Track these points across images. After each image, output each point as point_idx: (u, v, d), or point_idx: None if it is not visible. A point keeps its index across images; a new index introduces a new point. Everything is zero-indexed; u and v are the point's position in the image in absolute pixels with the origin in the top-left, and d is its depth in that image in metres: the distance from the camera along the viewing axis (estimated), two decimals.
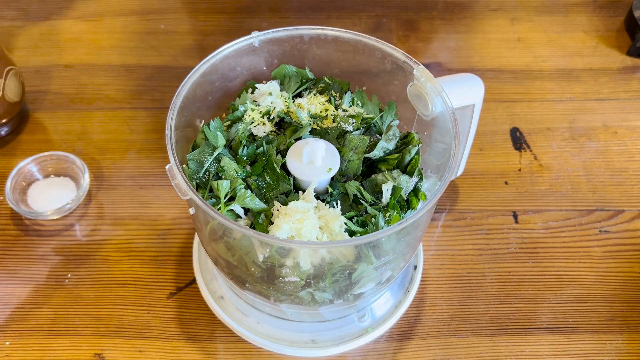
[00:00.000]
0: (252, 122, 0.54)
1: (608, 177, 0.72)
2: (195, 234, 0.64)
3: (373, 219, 0.49)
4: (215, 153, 0.52)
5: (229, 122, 0.55)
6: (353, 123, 0.54)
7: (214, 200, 0.49)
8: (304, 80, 0.58)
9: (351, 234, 0.48)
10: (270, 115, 0.55)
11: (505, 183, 0.71)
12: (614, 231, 0.67)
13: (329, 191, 0.52)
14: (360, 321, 0.59)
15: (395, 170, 0.52)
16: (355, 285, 0.51)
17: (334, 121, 0.54)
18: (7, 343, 0.58)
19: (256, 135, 0.54)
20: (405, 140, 0.55)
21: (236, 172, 0.51)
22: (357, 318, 0.59)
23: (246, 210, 0.50)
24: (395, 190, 0.50)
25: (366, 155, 0.53)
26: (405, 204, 0.52)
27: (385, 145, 0.53)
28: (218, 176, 0.51)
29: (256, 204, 0.49)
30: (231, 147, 0.54)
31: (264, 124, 0.54)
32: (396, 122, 0.56)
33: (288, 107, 0.55)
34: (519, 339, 0.59)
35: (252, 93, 0.58)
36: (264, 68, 0.60)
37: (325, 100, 0.56)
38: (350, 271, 0.49)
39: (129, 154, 0.73)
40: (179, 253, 0.64)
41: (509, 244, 0.66)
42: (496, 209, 0.69)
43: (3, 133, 0.73)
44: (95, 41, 0.85)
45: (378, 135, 0.55)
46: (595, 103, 0.79)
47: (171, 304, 0.61)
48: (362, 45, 0.57)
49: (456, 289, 0.63)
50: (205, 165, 0.51)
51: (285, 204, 0.49)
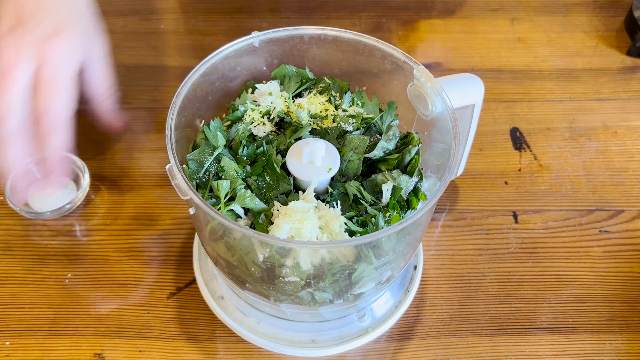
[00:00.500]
0: (252, 122, 0.54)
1: (608, 177, 0.72)
2: (195, 234, 0.64)
3: (373, 219, 0.49)
4: (215, 153, 0.52)
5: (229, 122, 0.55)
6: (353, 123, 0.54)
7: (214, 200, 0.50)
8: (304, 80, 0.58)
9: (351, 234, 0.48)
10: (270, 115, 0.55)
11: (505, 183, 0.71)
12: (614, 231, 0.67)
13: (329, 191, 0.52)
14: (360, 321, 0.59)
15: (395, 170, 0.52)
16: (355, 285, 0.51)
17: (334, 121, 0.54)
18: (7, 343, 0.58)
19: (256, 135, 0.54)
20: (405, 140, 0.55)
21: (236, 172, 0.51)
22: (357, 318, 0.59)
23: (246, 210, 0.50)
24: (395, 190, 0.50)
25: (366, 155, 0.53)
26: (405, 204, 0.52)
27: (385, 145, 0.53)
28: (218, 176, 0.51)
29: (256, 204, 0.49)
30: (231, 147, 0.54)
31: (264, 124, 0.54)
32: (396, 122, 0.56)
33: (288, 107, 0.55)
34: (519, 339, 0.59)
35: (252, 93, 0.58)
36: (264, 68, 0.60)
37: (325, 100, 0.56)
38: (350, 271, 0.49)
39: (129, 154, 0.73)
40: (179, 253, 0.64)
41: (509, 244, 0.66)
42: (496, 209, 0.69)
43: None
44: None
45: (378, 135, 0.55)
46: (595, 103, 0.79)
47: (171, 304, 0.61)
48: (362, 45, 0.57)
49: (456, 289, 0.63)
50: (205, 165, 0.51)
51: (285, 204, 0.49)
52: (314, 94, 0.57)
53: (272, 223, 0.48)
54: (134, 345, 0.58)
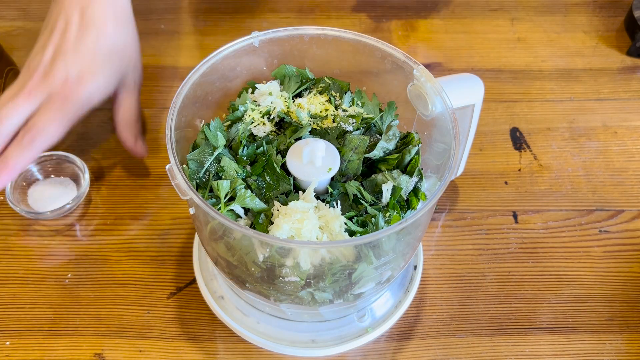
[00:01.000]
0: (252, 122, 0.54)
1: (608, 177, 0.72)
2: (195, 234, 0.64)
3: (373, 219, 0.49)
4: (215, 153, 0.52)
5: (229, 122, 0.55)
6: (353, 123, 0.54)
7: (214, 200, 0.50)
8: (304, 80, 0.58)
9: (351, 234, 0.48)
10: (270, 115, 0.55)
11: (505, 183, 0.71)
12: (614, 231, 0.67)
13: (329, 191, 0.52)
14: (360, 321, 0.59)
15: (395, 170, 0.52)
16: (355, 285, 0.51)
17: (334, 121, 0.54)
18: (7, 343, 0.58)
19: (256, 135, 0.54)
20: (405, 140, 0.55)
21: (236, 172, 0.51)
22: (357, 318, 0.59)
23: (246, 210, 0.50)
24: (395, 190, 0.50)
25: (366, 155, 0.53)
26: (405, 204, 0.52)
27: (385, 145, 0.53)
28: (218, 176, 0.51)
29: (256, 204, 0.49)
30: (231, 147, 0.54)
31: (264, 124, 0.54)
32: (396, 122, 0.56)
33: (288, 107, 0.55)
34: (519, 339, 0.59)
35: (252, 93, 0.58)
36: (264, 68, 0.60)
37: (325, 100, 0.56)
38: (350, 271, 0.49)
39: (129, 154, 0.73)
40: (179, 253, 0.65)
41: (509, 244, 0.66)
42: (496, 209, 0.69)
43: None
44: None
45: (378, 135, 0.55)
46: (595, 103, 0.80)
47: (171, 304, 0.61)
48: (362, 45, 0.57)
49: (456, 289, 0.63)
50: (205, 165, 0.51)
51: (285, 204, 0.49)
52: (314, 94, 0.57)
53: (272, 223, 0.48)
54: (134, 345, 0.58)
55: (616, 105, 0.79)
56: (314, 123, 0.54)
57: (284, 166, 0.51)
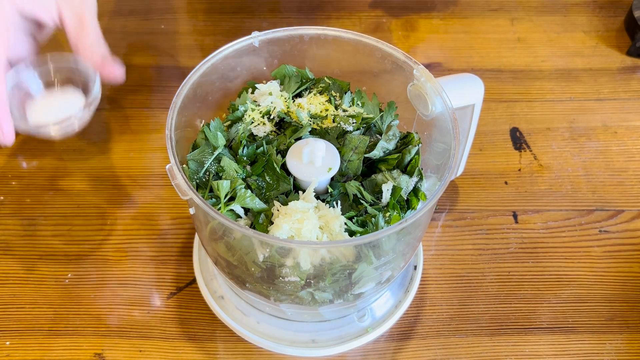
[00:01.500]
0: (252, 122, 0.54)
1: (608, 177, 0.72)
2: (195, 234, 0.64)
3: (373, 219, 0.49)
4: (215, 153, 0.52)
5: (229, 122, 0.55)
6: (353, 123, 0.54)
7: (214, 200, 0.50)
8: (304, 80, 0.58)
9: (351, 234, 0.48)
10: (270, 115, 0.55)
11: (505, 183, 0.71)
12: (614, 231, 0.67)
13: (329, 191, 0.52)
14: (360, 321, 0.59)
15: (395, 170, 0.52)
16: (355, 285, 0.51)
17: (334, 121, 0.54)
18: (7, 343, 0.58)
19: (256, 135, 0.54)
20: (405, 140, 0.55)
21: (236, 172, 0.51)
22: (357, 318, 0.59)
23: (246, 210, 0.50)
24: (395, 190, 0.50)
25: (366, 155, 0.53)
26: (405, 204, 0.52)
27: (385, 145, 0.53)
28: (218, 176, 0.51)
29: (256, 204, 0.49)
30: (231, 147, 0.54)
31: (264, 124, 0.54)
32: (396, 122, 0.56)
33: (288, 107, 0.55)
34: (519, 339, 0.59)
35: (252, 93, 0.58)
36: (264, 68, 0.60)
37: (325, 100, 0.56)
38: (350, 271, 0.49)
39: (128, 154, 0.73)
40: (179, 253, 0.65)
41: (509, 244, 0.66)
42: (496, 209, 0.69)
43: None
44: None
45: (378, 135, 0.55)
46: (595, 103, 0.80)
47: (171, 304, 0.61)
48: (362, 45, 0.57)
49: (456, 288, 0.63)
50: (205, 165, 0.51)
51: (285, 204, 0.49)
52: (314, 94, 0.57)
53: (272, 223, 0.48)
54: (134, 345, 0.58)
55: (616, 105, 0.79)
56: (314, 123, 0.54)
57: (284, 166, 0.51)
